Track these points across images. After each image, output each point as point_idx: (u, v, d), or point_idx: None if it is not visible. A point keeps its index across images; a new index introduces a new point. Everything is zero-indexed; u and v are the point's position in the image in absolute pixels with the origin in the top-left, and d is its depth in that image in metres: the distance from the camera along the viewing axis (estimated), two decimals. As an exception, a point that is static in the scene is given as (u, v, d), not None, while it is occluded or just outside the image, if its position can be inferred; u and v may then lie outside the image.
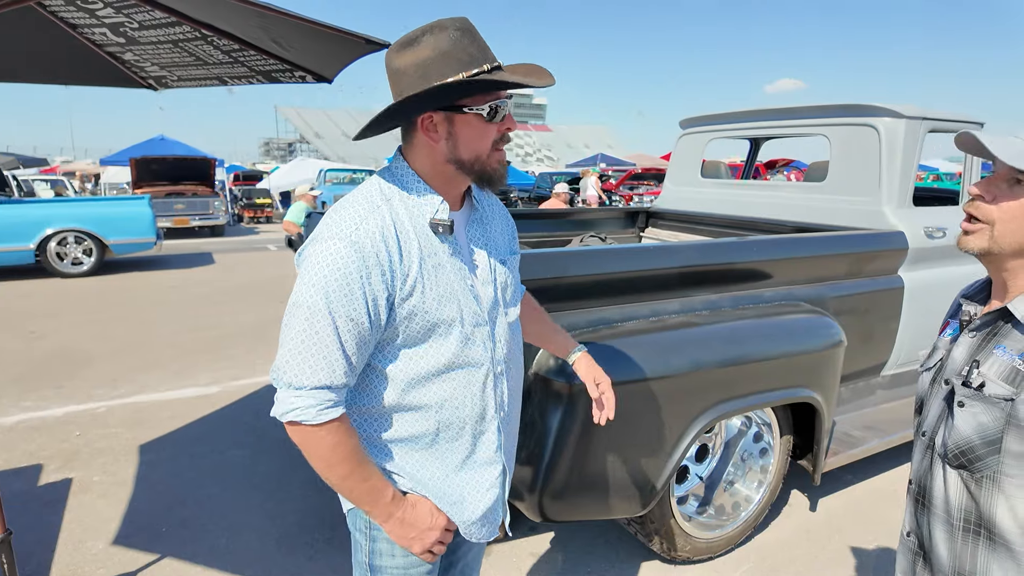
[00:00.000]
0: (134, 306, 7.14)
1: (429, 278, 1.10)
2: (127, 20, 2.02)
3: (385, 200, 1.10)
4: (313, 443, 1.06)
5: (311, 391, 1.03)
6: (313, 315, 1.02)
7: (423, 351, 1.12)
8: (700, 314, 2.32)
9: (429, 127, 1.08)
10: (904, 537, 1.12)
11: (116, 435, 3.74)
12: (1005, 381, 0.90)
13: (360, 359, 1.08)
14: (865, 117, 3.11)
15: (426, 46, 1.03)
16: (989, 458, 0.92)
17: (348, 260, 1.02)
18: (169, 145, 15.76)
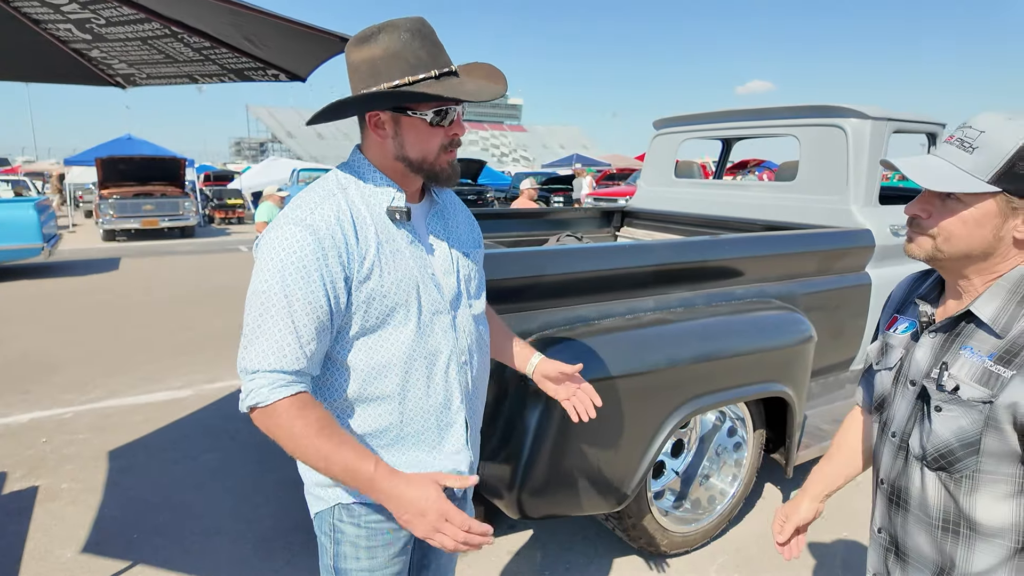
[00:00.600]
0: (97, 310, 6.97)
1: (387, 262, 1.10)
2: (94, 16, 1.98)
3: (341, 189, 1.13)
4: (272, 423, 1.04)
5: (264, 374, 1.03)
6: (269, 299, 1.03)
7: (382, 338, 1.12)
8: (675, 311, 2.35)
9: (377, 124, 1.12)
10: (875, 533, 1.14)
11: (84, 441, 3.65)
12: (979, 383, 0.93)
13: (318, 346, 1.07)
14: (833, 118, 3.19)
15: (378, 44, 1.06)
16: (968, 459, 0.94)
17: (304, 244, 1.03)
18: (137, 145, 15.39)
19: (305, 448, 1.03)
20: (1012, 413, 0.89)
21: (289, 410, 1.03)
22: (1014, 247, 0.94)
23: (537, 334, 2.06)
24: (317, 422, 1.04)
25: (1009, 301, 0.93)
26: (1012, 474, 0.92)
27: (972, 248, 0.94)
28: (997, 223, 0.92)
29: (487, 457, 2.07)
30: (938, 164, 0.94)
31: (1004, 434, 0.90)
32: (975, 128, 0.92)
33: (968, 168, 0.91)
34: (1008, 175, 0.88)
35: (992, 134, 0.90)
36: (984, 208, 0.91)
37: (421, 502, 1.05)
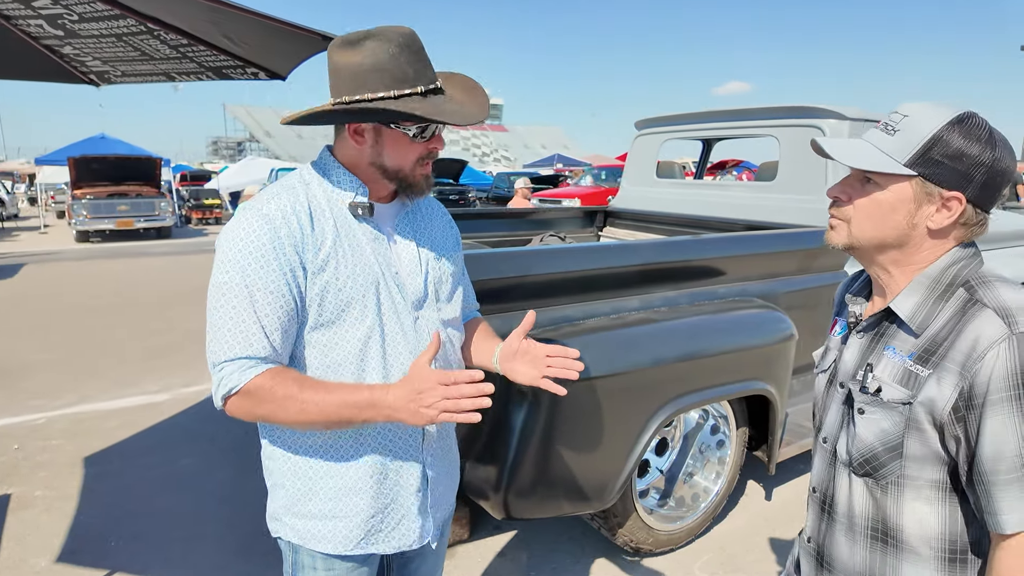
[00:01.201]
0: (68, 313, 6.82)
1: (344, 255, 1.10)
2: (66, 12, 1.93)
3: (303, 183, 1.13)
4: (252, 402, 1.04)
5: (231, 362, 1.04)
6: (229, 290, 1.03)
7: (337, 335, 1.10)
8: (659, 311, 2.36)
9: (358, 131, 1.12)
10: (805, 543, 1.11)
11: (58, 447, 3.56)
12: (900, 384, 0.91)
13: (284, 336, 1.07)
14: (812, 119, 3.23)
15: (365, 52, 1.05)
16: (892, 463, 0.92)
17: (260, 232, 1.04)
18: (110, 144, 15.07)
19: (297, 408, 1.03)
20: (930, 411, 0.87)
21: (265, 382, 1.03)
22: (928, 237, 0.92)
23: (522, 334, 2.05)
24: (297, 382, 1.05)
25: (927, 298, 0.92)
26: (936, 480, 0.90)
27: (886, 235, 0.92)
28: (911, 208, 0.90)
29: (472, 459, 2.06)
30: (861, 146, 0.93)
31: (925, 435, 0.88)
32: (900, 112, 0.91)
33: (888, 150, 0.90)
34: (924, 159, 0.87)
35: (914, 118, 0.89)
36: (899, 191, 0.90)
37: (415, 383, 1.02)
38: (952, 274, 0.91)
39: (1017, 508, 0.81)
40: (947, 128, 0.87)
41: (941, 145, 0.87)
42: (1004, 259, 4.19)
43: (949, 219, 0.89)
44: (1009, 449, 0.81)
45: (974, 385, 0.83)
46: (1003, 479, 0.82)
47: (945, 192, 0.88)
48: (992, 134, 0.88)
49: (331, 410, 1.04)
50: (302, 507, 1.17)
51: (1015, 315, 0.83)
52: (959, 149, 0.86)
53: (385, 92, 1.05)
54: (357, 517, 1.17)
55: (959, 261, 0.92)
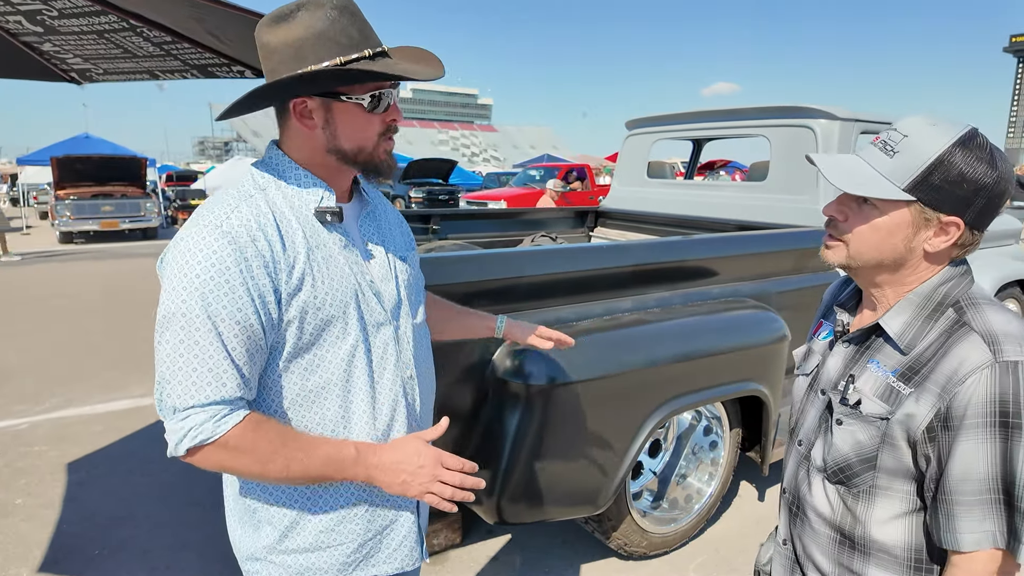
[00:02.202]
0: (52, 315, 6.71)
1: (320, 270, 0.98)
2: (45, 8, 1.88)
3: (259, 189, 0.99)
4: (229, 455, 0.92)
5: (201, 408, 0.90)
6: (190, 323, 0.88)
7: (318, 357, 1.00)
8: (652, 312, 2.35)
9: (304, 113, 0.99)
10: (779, 545, 1.12)
11: (40, 453, 3.48)
12: (880, 398, 0.91)
13: (254, 368, 0.95)
14: (802, 119, 3.23)
15: (300, 23, 0.94)
16: (865, 474, 0.93)
17: (223, 254, 0.89)
18: (95, 143, 14.90)
19: (279, 464, 0.93)
20: (906, 428, 0.87)
21: (245, 435, 0.91)
22: (924, 260, 0.91)
23: (515, 337, 2.02)
24: (280, 434, 0.95)
25: (916, 316, 0.91)
26: (906, 491, 0.91)
27: (883, 257, 0.92)
28: (909, 233, 0.89)
29: (465, 463, 2.03)
30: (858, 166, 0.91)
31: (899, 451, 0.89)
32: (899, 131, 0.89)
33: (886, 172, 0.88)
34: (924, 184, 0.85)
35: (914, 139, 0.86)
36: (898, 217, 0.89)
37: (415, 456, 1.00)
38: (943, 293, 0.91)
39: (976, 529, 0.83)
40: (949, 151, 0.84)
41: (942, 170, 0.85)
42: (992, 258, 4.23)
43: (946, 243, 0.89)
44: (977, 473, 0.82)
45: (951, 408, 0.84)
46: (967, 500, 0.83)
47: (944, 217, 0.87)
48: (993, 155, 0.86)
49: (315, 466, 0.96)
50: (291, 543, 1.06)
51: (1001, 342, 0.84)
52: (961, 173, 0.84)
53: (331, 61, 0.93)
54: (352, 543, 1.08)
55: (950, 280, 0.92)
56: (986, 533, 0.83)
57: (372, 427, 1.06)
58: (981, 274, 4.06)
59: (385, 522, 1.11)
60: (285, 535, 1.05)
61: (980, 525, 0.83)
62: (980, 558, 0.84)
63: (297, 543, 1.06)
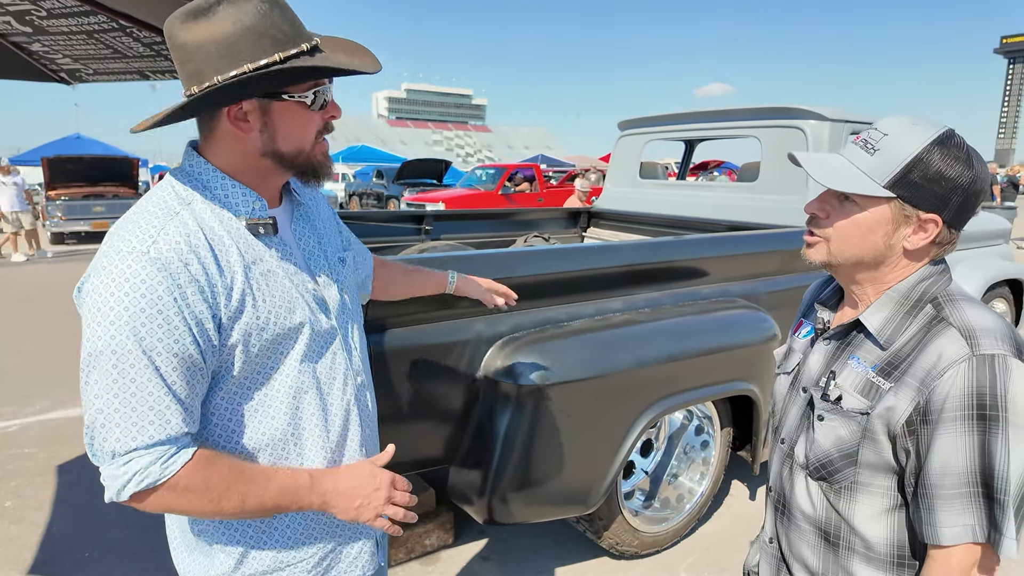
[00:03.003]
0: (42, 317, 6.67)
1: (260, 289, 0.91)
2: (34, 8, 1.87)
3: (184, 204, 0.90)
4: (179, 497, 0.85)
5: (145, 451, 0.83)
6: (123, 360, 0.81)
7: (265, 376, 0.95)
8: (642, 312, 2.36)
9: (238, 116, 0.90)
10: (766, 544, 1.13)
11: (30, 455, 3.46)
12: (860, 394, 0.92)
13: (196, 399, 0.89)
14: (793, 120, 3.25)
15: (224, 18, 0.84)
16: (846, 469, 0.94)
17: (153, 283, 0.81)
18: (86, 144, 14.85)
19: (234, 500, 0.88)
20: (886, 423, 0.89)
21: (196, 474, 0.85)
22: (904, 257, 0.93)
23: (507, 336, 2.03)
24: (231, 469, 0.89)
25: (896, 313, 0.93)
26: (887, 487, 0.92)
27: (864, 254, 0.93)
28: (889, 230, 0.91)
29: (456, 463, 2.04)
30: (839, 163, 0.93)
31: (879, 445, 0.90)
32: (880, 130, 0.91)
33: (867, 170, 0.90)
34: (903, 181, 0.88)
35: (894, 138, 0.89)
36: (878, 213, 0.90)
37: (371, 479, 0.99)
38: (922, 290, 0.93)
39: (956, 523, 0.84)
40: (927, 150, 0.87)
41: (921, 167, 0.87)
42: (981, 258, 4.26)
43: (925, 240, 0.91)
44: (956, 466, 0.83)
45: (930, 401, 0.85)
46: (947, 493, 0.84)
47: (922, 214, 0.89)
48: (970, 155, 0.88)
49: (271, 498, 0.91)
50: (246, 567, 1.00)
51: (978, 336, 0.85)
52: (939, 172, 0.87)
53: (269, 59, 0.85)
54: (312, 559, 1.04)
55: (929, 277, 0.94)
56: (966, 527, 0.84)
57: (325, 438, 1.01)
58: (971, 274, 4.09)
59: (343, 537, 1.07)
60: (240, 561, 0.99)
61: (960, 518, 0.84)
62: (958, 552, 0.85)
63: (253, 568, 1.00)
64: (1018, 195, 12.98)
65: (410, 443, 1.93)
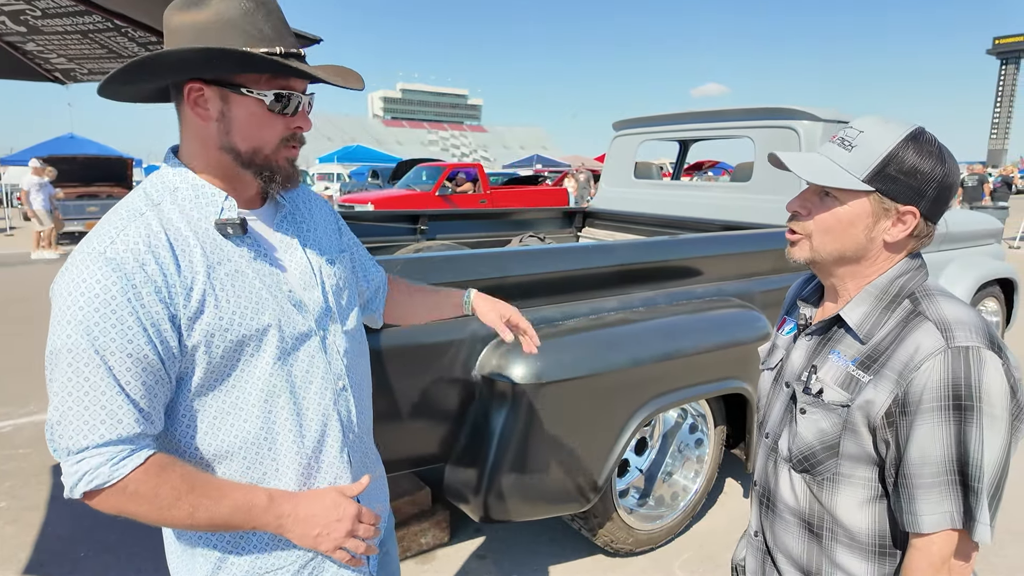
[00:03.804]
0: (35, 317, 6.64)
1: (223, 289, 0.90)
2: (28, 7, 1.87)
3: (152, 205, 0.91)
4: (127, 500, 0.85)
5: (96, 450, 0.83)
6: (77, 359, 0.82)
7: (234, 378, 0.93)
8: (637, 311, 2.37)
9: (198, 101, 0.90)
10: (751, 537, 1.16)
11: (25, 456, 3.45)
12: (841, 387, 0.95)
13: (155, 402, 0.88)
14: (786, 120, 3.27)
15: (210, 9, 0.88)
16: (828, 461, 0.96)
17: (107, 283, 0.82)
18: (80, 143, 14.76)
19: (182, 511, 0.87)
20: (866, 415, 0.91)
21: (146, 480, 0.85)
22: (884, 250, 0.96)
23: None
24: (184, 479, 0.87)
25: (875, 307, 0.96)
26: (869, 478, 0.94)
27: (845, 248, 0.96)
28: (869, 223, 0.94)
29: (452, 461, 2.05)
30: (820, 160, 0.96)
31: (860, 437, 0.92)
32: (855, 128, 0.94)
33: (846, 165, 0.93)
34: (881, 175, 0.91)
35: (869, 134, 0.92)
36: (858, 207, 0.93)
37: (333, 510, 0.96)
38: (900, 285, 0.96)
39: (935, 511, 0.86)
40: (902, 145, 0.91)
41: (897, 162, 0.90)
42: (973, 258, 4.29)
43: (904, 232, 0.94)
44: (934, 455, 0.86)
45: (908, 393, 0.87)
46: (926, 482, 0.86)
47: (900, 207, 0.92)
48: (942, 150, 0.92)
49: (222, 514, 0.89)
50: (228, 570, 1.00)
51: (953, 329, 0.88)
52: (913, 165, 0.90)
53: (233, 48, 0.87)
54: (290, 568, 1.02)
55: (907, 273, 0.97)
56: (944, 514, 0.86)
57: (300, 444, 0.99)
58: (962, 273, 4.13)
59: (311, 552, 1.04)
60: (218, 566, 0.99)
61: (938, 507, 0.86)
62: (938, 540, 0.87)
63: (233, 571, 0.99)
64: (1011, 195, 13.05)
65: (406, 441, 1.93)
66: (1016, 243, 12.00)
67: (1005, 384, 0.85)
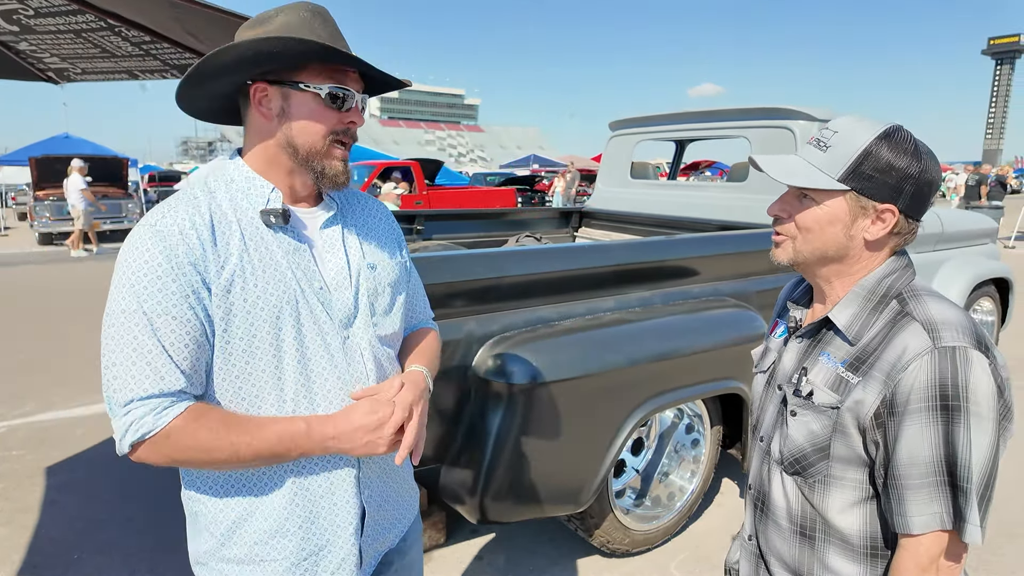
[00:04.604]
0: (31, 318, 6.61)
1: (254, 273, 0.97)
2: (21, 7, 1.86)
3: (207, 192, 1.00)
4: (171, 448, 0.91)
5: (141, 402, 0.90)
6: (128, 319, 0.91)
7: (251, 363, 0.98)
8: (634, 311, 2.37)
9: (263, 100, 0.99)
10: (745, 541, 1.15)
11: (18, 458, 3.44)
12: (831, 389, 0.94)
13: (196, 363, 0.94)
14: (782, 120, 3.27)
15: (273, 22, 0.98)
16: (820, 463, 0.96)
17: (154, 252, 0.92)
18: (75, 143, 14.72)
19: (224, 451, 0.92)
20: (855, 416, 0.91)
21: (185, 426, 0.91)
22: (866, 249, 0.96)
23: (499, 336, 2.04)
24: (222, 421, 0.93)
25: (863, 309, 0.96)
26: (859, 480, 0.94)
27: (826, 248, 0.96)
28: (847, 221, 0.94)
29: (448, 463, 2.04)
30: (796, 162, 0.97)
31: (850, 438, 0.92)
32: (831, 129, 0.95)
33: (821, 166, 0.94)
34: (855, 174, 0.91)
35: (844, 134, 0.93)
36: (835, 206, 0.94)
37: (371, 416, 0.99)
38: (887, 285, 0.96)
39: (924, 511, 0.86)
40: (875, 143, 0.91)
41: (871, 160, 0.91)
42: (968, 257, 4.30)
43: (884, 230, 0.94)
44: (923, 456, 0.86)
45: (896, 394, 0.87)
46: (915, 483, 0.86)
47: (878, 205, 0.92)
48: (917, 146, 0.92)
49: (266, 447, 0.94)
50: (227, 551, 1.04)
51: (940, 330, 0.87)
52: (888, 163, 0.90)
53: None
54: (285, 562, 1.04)
55: (893, 272, 0.97)
56: (933, 515, 0.85)
57: None
58: (957, 272, 4.14)
59: (321, 542, 1.06)
60: (221, 543, 1.04)
61: (927, 507, 0.86)
62: (927, 540, 0.87)
63: (233, 553, 1.04)
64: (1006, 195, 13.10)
65: (401, 442, 1.93)
66: (1011, 243, 12.05)
67: (992, 384, 0.85)
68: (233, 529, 1.03)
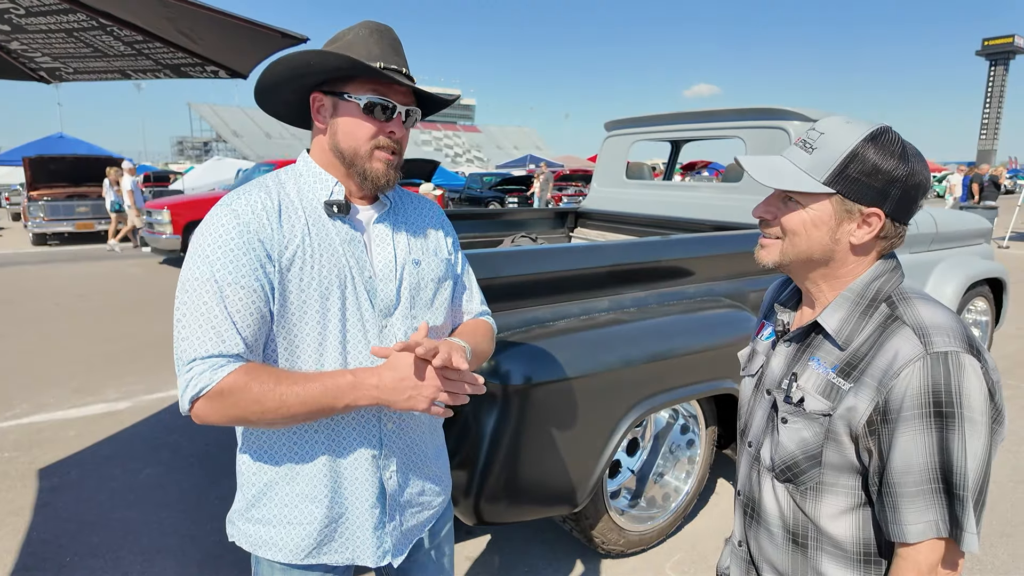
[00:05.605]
0: (25, 318, 6.57)
1: (313, 256, 1.07)
2: (12, 6, 1.84)
3: (278, 183, 1.12)
4: (226, 402, 0.98)
5: (202, 360, 0.99)
6: (200, 285, 1.01)
7: (299, 335, 1.07)
8: (628, 311, 2.37)
9: (319, 109, 1.12)
10: (735, 547, 1.14)
11: (10, 460, 3.41)
12: (822, 395, 0.93)
13: (256, 332, 1.03)
14: (776, 120, 3.27)
15: (339, 41, 1.10)
16: (811, 471, 0.94)
17: (228, 227, 1.03)
18: (69, 143, 14.68)
19: (274, 403, 0.98)
20: (847, 423, 0.89)
21: (238, 380, 0.98)
22: (852, 253, 0.94)
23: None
24: (272, 376, 1.00)
25: (852, 313, 0.94)
26: (852, 486, 0.93)
27: (812, 251, 0.94)
28: (832, 225, 0.92)
29: (442, 463, 2.03)
30: (781, 164, 0.95)
31: (842, 446, 0.91)
32: (817, 130, 0.93)
33: (806, 168, 0.92)
34: (841, 177, 0.89)
35: (830, 135, 0.91)
36: (820, 209, 0.92)
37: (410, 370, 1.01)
38: (875, 289, 0.94)
39: (920, 520, 0.85)
40: (862, 145, 0.88)
41: (857, 162, 0.89)
42: (962, 258, 4.32)
43: (870, 234, 0.92)
44: (917, 463, 0.84)
45: (889, 401, 0.86)
46: (910, 491, 0.85)
47: (864, 208, 0.90)
48: (905, 149, 0.90)
49: (313, 398, 1.00)
50: (256, 512, 1.14)
51: (931, 335, 0.86)
52: (874, 165, 0.88)
53: None
54: (310, 526, 1.12)
55: (882, 275, 0.95)
56: (929, 523, 0.84)
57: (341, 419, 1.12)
58: (952, 272, 4.15)
59: (343, 509, 1.14)
60: (252, 504, 1.14)
61: (923, 515, 0.85)
62: (924, 548, 0.86)
63: (261, 513, 1.14)
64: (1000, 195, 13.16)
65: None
66: (1005, 243, 12.10)
67: (984, 388, 0.84)
68: (264, 491, 1.13)
